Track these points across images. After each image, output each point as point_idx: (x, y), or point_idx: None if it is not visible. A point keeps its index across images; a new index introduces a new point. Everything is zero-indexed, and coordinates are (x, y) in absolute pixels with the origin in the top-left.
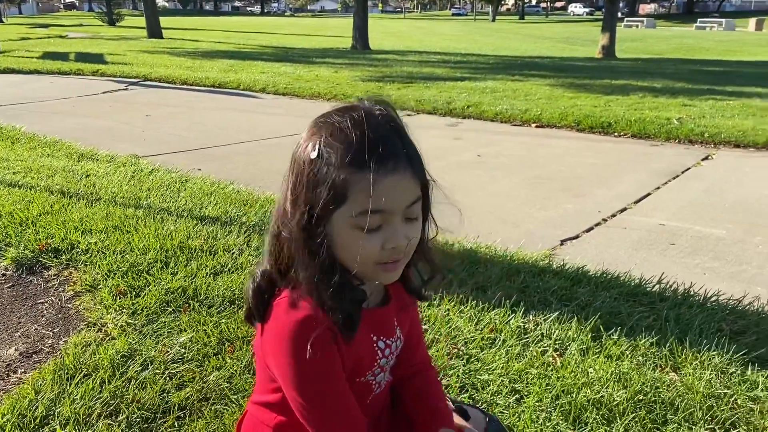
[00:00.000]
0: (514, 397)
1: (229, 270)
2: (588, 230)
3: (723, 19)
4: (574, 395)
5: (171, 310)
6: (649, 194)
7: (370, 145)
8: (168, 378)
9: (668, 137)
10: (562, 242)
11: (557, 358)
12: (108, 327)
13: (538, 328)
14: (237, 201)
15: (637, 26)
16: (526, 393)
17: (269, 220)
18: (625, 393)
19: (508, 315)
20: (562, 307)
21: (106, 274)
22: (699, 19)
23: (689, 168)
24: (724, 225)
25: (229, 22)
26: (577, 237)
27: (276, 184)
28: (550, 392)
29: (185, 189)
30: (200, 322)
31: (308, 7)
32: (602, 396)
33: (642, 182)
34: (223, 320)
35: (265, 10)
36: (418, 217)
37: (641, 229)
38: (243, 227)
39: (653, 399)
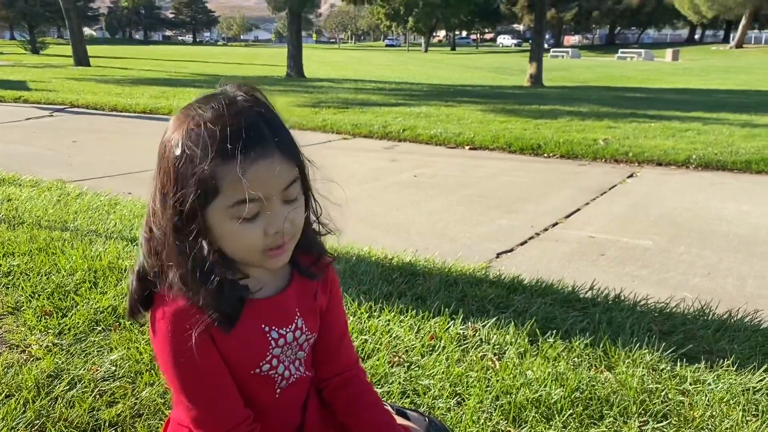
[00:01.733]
0: (454, 400)
1: None
2: (522, 243)
3: (642, 50)
4: (513, 395)
5: (100, 329)
6: (578, 209)
7: (233, 134)
8: (98, 396)
9: (595, 157)
10: (498, 255)
11: (496, 362)
12: (32, 348)
13: (477, 334)
14: None
15: (562, 56)
16: (466, 395)
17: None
18: (563, 391)
19: (448, 323)
20: (499, 314)
21: (29, 295)
22: (620, 50)
23: (615, 185)
24: (650, 236)
25: (160, 51)
26: (511, 250)
27: None
28: (490, 393)
29: (114, 212)
30: (131, 340)
31: (241, 37)
32: (540, 395)
33: (572, 199)
34: None
35: (197, 40)
36: (297, 197)
37: (572, 242)
38: None
39: (589, 396)
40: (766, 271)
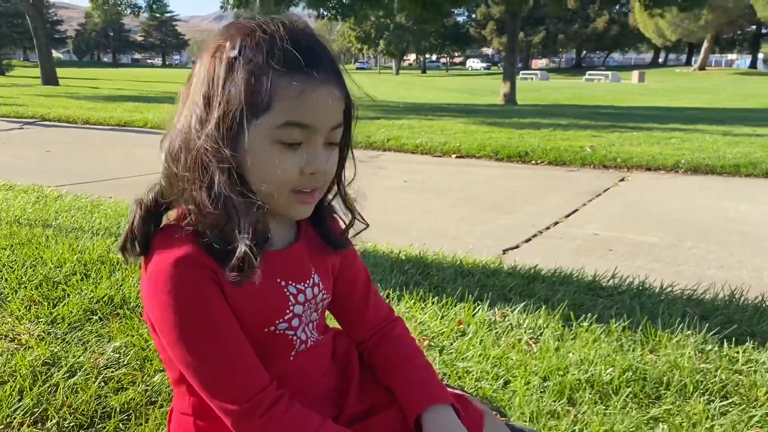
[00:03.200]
0: (499, 382)
1: None
2: (527, 241)
3: (609, 72)
4: (562, 376)
5: (97, 318)
6: (576, 210)
7: (301, 49)
8: (103, 383)
9: (583, 163)
10: (505, 251)
11: (533, 345)
12: (22, 337)
13: (506, 320)
14: None
15: (532, 78)
16: (510, 377)
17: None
18: (614, 372)
19: (473, 309)
20: (524, 301)
21: (14, 287)
22: (588, 72)
23: (608, 188)
24: (654, 233)
25: (130, 73)
26: (517, 247)
27: None
28: (537, 375)
29: (98, 211)
30: (133, 329)
31: None
32: (591, 375)
33: (567, 201)
34: None
35: (167, 63)
36: (337, 145)
37: (577, 239)
38: None
39: (642, 376)
40: None
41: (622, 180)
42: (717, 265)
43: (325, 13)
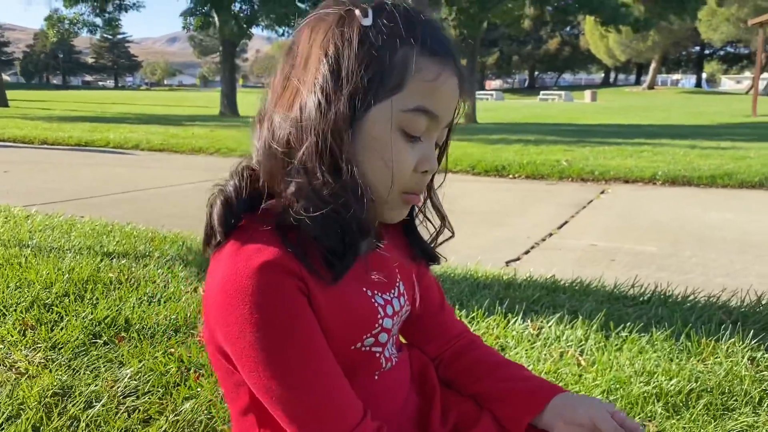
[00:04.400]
0: None
1: (160, 300)
2: (526, 252)
3: (562, 92)
4: (627, 389)
5: (102, 342)
6: (566, 222)
7: (436, 33)
8: (127, 414)
9: (561, 177)
10: (507, 263)
11: (580, 358)
12: (20, 365)
13: (543, 332)
14: (143, 238)
15: (487, 98)
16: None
17: (254, 124)
18: (679, 383)
19: (503, 322)
20: (552, 313)
21: (1, 311)
22: (542, 92)
23: (592, 200)
24: (652, 243)
25: (81, 95)
26: (518, 259)
27: (179, 227)
28: (599, 387)
29: (75, 230)
30: (147, 352)
31: (165, 82)
32: (655, 387)
33: (555, 213)
34: (175, 348)
35: (119, 85)
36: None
37: (576, 250)
38: (160, 260)
39: (705, 387)
40: None
41: (603, 192)
42: (723, 272)
43: (290, 32)
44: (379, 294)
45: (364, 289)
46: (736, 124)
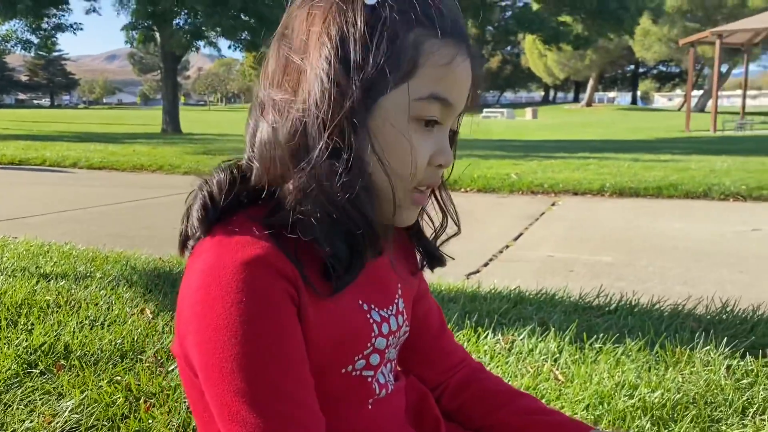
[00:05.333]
0: None
1: (103, 323)
2: (485, 265)
3: (504, 109)
4: (611, 403)
5: (39, 371)
6: (522, 234)
7: (448, 10)
8: None
9: (512, 190)
10: (468, 276)
11: (556, 371)
12: None
13: (515, 346)
14: (83, 258)
15: None
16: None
17: (247, 121)
18: (662, 395)
19: (474, 336)
20: (522, 325)
21: None
22: (485, 110)
23: (544, 212)
24: (608, 253)
25: (15, 114)
26: (478, 271)
27: (122, 246)
28: (582, 403)
29: (8, 251)
30: (90, 381)
31: (104, 100)
32: (639, 400)
33: (510, 225)
34: (122, 375)
35: (56, 103)
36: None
37: (535, 261)
38: (102, 281)
39: (688, 399)
40: (738, 276)
41: (554, 204)
42: (680, 281)
43: (236, 45)
44: (376, 309)
45: (360, 301)
46: (671, 138)
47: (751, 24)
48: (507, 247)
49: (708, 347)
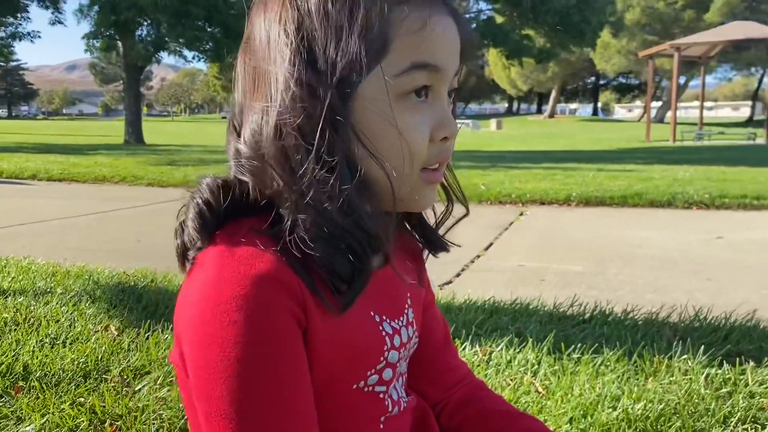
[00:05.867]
0: None
1: (65, 341)
2: (457, 275)
3: (470, 120)
4: (594, 416)
5: None
6: (492, 243)
7: None
8: None
9: (480, 200)
10: (441, 286)
11: (536, 383)
12: None
13: (493, 357)
14: (43, 273)
15: None
16: None
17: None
18: (648, 406)
19: None
20: (499, 336)
21: None
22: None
23: (513, 222)
24: (578, 262)
25: None
26: (450, 282)
27: (83, 260)
28: (565, 416)
29: None
30: (51, 404)
31: (64, 111)
32: (623, 412)
33: (479, 235)
34: (85, 397)
35: (13, 114)
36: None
37: (506, 271)
38: (64, 297)
39: (671, 409)
40: (706, 284)
41: (522, 214)
42: (650, 289)
43: (200, 56)
44: (388, 321)
45: (372, 312)
46: (633, 148)
47: (708, 37)
48: (478, 256)
49: (685, 356)
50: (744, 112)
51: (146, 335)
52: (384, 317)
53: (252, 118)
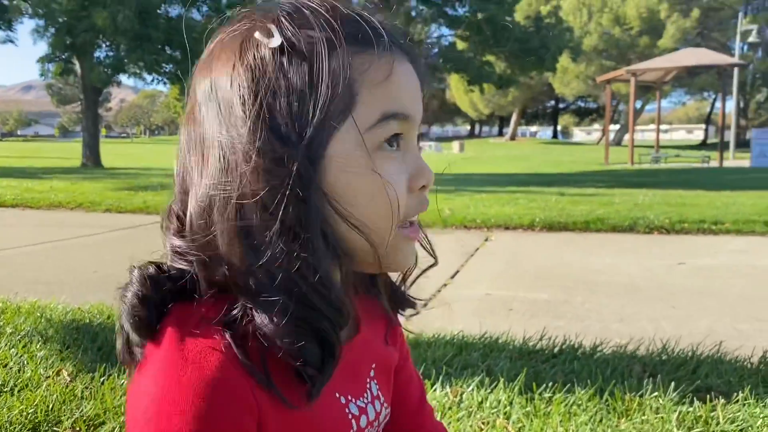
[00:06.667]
0: None
1: (13, 389)
2: (425, 305)
3: (432, 143)
4: None
5: None
6: (458, 271)
7: (363, 18)
8: None
9: (446, 225)
10: (408, 318)
11: (509, 427)
12: None
13: (464, 399)
14: None
15: None
16: None
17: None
18: None
19: None
20: (469, 375)
21: None
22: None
23: (478, 248)
24: (544, 290)
25: None
26: (418, 313)
27: (36, 294)
28: None
29: None
30: None
31: (19, 132)
32: None
33: (446, 261)
34: None
35: None
36: None
37: (473, 300)
38: (12, 338)
39: None
40: (671, 311)
41: (487, 239)
42: (616, 318)
43: (160, 78)
44: (353, 400)
45: (337, 394)
46: (592, 171)
47: (662, 63)
48: (445, 285)
49: (656, 393)
50: (698, 134)
51: (101, 380)
52: (350, 397)
53: (199, 198)
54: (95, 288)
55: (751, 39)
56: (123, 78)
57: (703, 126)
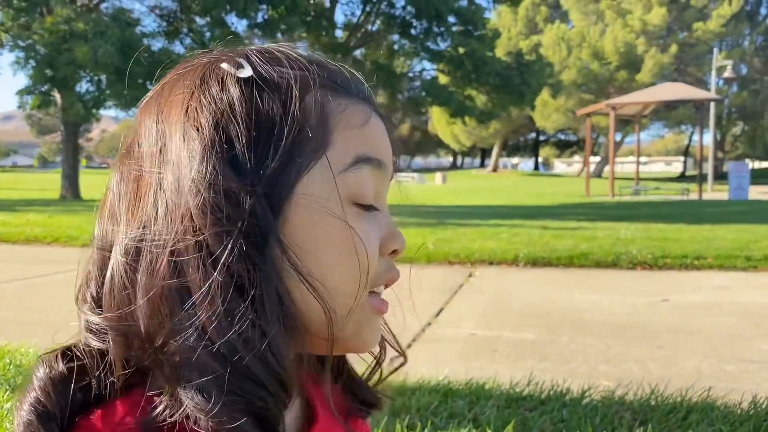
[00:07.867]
0: None
1: None
2: (408, 346)
3: (416, 174)
4: None
5: None
6: (442, 309)
7: (338, 72)
8: None
9: (429, 260)
10: (392, 359)
11: None
12: None
13: None
14: None
15: None
16: None
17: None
18: None
19: None
20: (456, 425)
21: None
22: (396, 174)
23: (462, 285)
24: (528, 329)
25: None
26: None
27: (5, 336)
28: None
29: None
30: None
31: None
32: None
33: (430, 299)
34: None
35: None
36: None
37: (458, 341)
38: None
39: None
40: (657, 351)
41: (471, 275)
42: (603, 359)
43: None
44: None
45: None
46: (574, 204)
47: (641, 97)
48: (429, 324)
49: None
50: (677, 167)
51: None
52: None
53: (123, 250)
54: (71, 329)
55: (726, 74)
56: (104, 108)
57: (682, 158)
